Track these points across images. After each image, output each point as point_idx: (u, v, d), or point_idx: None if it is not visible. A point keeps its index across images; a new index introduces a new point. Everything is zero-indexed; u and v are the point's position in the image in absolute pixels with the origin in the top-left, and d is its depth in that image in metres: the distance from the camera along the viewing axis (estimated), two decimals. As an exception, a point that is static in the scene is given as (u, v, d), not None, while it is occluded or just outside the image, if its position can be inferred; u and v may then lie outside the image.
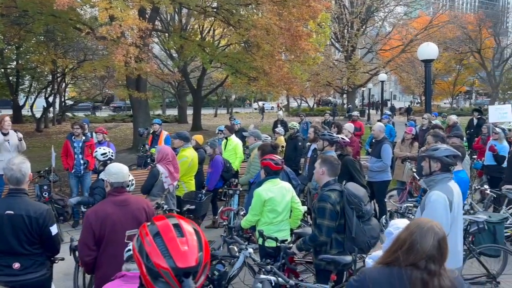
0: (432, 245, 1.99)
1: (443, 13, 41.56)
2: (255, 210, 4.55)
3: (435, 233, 2.03)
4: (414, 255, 1.99)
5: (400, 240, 2.07)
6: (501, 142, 8.29)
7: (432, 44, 10.24)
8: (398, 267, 2.04)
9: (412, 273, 1.99)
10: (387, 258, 2.10)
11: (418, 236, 2.02)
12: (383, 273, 2.09)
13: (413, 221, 2.13)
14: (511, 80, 52.31)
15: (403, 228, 2.15)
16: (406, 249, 2.01)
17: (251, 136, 7.18)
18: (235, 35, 17.22)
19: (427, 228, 2.04)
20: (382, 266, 2.11)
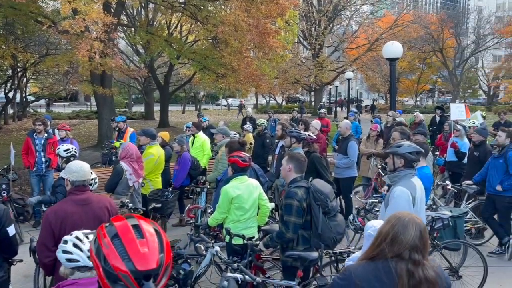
0: (414, 235, 2.03)
1: (407, 13, 42.55)
2: (222, 207, 4.51)
3: (416, 224, 2.07)
4: (398, 245, 2.03)
5: (383, 233, 2.09)
6: (462, 139, 8.55)
7: (397, 43, 10.41)
8: (383, 260, 2.06)
9: (398, 264, 2.02)
10: (372, 252, 2.12)
11: (400, 227, 2.06)
12: (368, 268, 2.10)
13: (393, 215, 2.16)
14: (471, 79, 54.31)
15: (384, 222, 2.17)
16: (390, 241, 2.04)
17: (219, 133, 7.12)
18: (203, 31, 17.05)
19: (408, 219, 2.08)
20: (367, 261, 2.13)
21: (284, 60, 24.65)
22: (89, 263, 2.13)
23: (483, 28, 48.55)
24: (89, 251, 2.06)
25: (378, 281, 2.04)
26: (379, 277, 2.04)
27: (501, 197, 6.38)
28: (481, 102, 52.93)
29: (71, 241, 2.26)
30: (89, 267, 2.16)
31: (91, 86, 16.22)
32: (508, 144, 6.41)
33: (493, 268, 5.90)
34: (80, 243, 2.21)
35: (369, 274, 2.08)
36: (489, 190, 6.56)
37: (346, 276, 2.17)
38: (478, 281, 5.16)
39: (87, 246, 2.17)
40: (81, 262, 2.16)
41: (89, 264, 2.13)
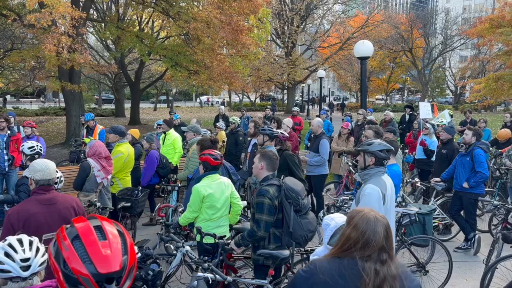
0: (383, 236, 2.03)
1: (378, 13, 43.26)
2: (193, 206, 4.44)
3: (382, 224, 2.06)
4: (369, 250, 2.01)
5: (352, 238, 2.05)
6: (431, 137, 8.73)
7: (368, 42, 10.55)
8: (349, 258, 2.05)
9: (365, 264, 2.01)
10: (339, 254, 2.09)
11: (371, 232, 2.03)
12: (334, 263, 2.08)
13: (360, 217, 2.09)
14: (439, 79, 55.76)
15: (350, 224, 2.10)
16: (361, 247, 2.02)
17: (190, 131, 7.02)
18: (175, 27, 16.84)
19: (375, 220, 2.05)
20: (333, 257, 2.10)
21: (257, 57, 24.61)
22: (22, 273, 1.96)
23: (450, 29, 49.92)
24: (23, 260, 1.97)
25: (342, 277, 2.03)
26: (343, 274, 2.03)
27: (468, 194, 6.54)
28: (448, 101, 54.42)
29: (3, 249, 2.03)
30: (23, 278, 1.98)
31: (58, 82, 15.78)
32: (475, 142, 6.57)
33: (459, 263, 6.07)
34: (13, 252, 2.00)
35: (333, 269, 2.06)
36: (456, 187, 6.71)
37: (311, 269, 2.15)
38: (444, 275, 5.27)
39: (20, 255, 2.01)
40: (13, 273, 2.00)
41: (23, 275, 1.98)
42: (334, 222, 2.44)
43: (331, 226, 2.43)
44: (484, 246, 6.41)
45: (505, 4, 29.10)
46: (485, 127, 11.11)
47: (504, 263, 4.84)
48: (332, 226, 2.42)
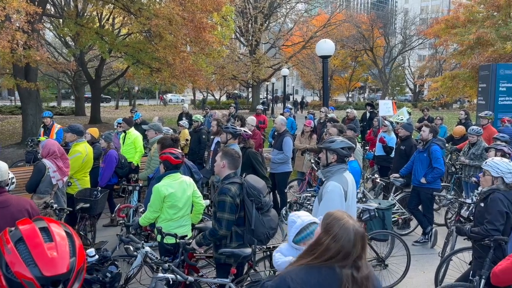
0: (361, 246, 2.03)
1: (340, 12, 43.96)
2: (154, 206, 4.36)
3: (361, 234, 2.05)
4: (348, 260, 2.01)
5: (331, 250, 2.02)
6: (390, 134, 8.95)
7: (329, 41, 10.71)
8: (326, 267, 2.03)
9: (342, 271, 2.01)
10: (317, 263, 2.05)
11: (351, 245, 2.01)
12: (311, 274, 2.05)
13: (338, 227, 2.05)
14: (399, 77, 57.36)
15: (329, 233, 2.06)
16: (341, 258, 2.01)
17: (151, 129, 6.89)
18: (136, 24, 16.50)
19: (354, 231, 2.03)
20: (307, 266, 2.06)
21: (221, 55, 24.54)
22: None
23: (409, 29, 51.46)
24: None
25: (320, 285, 2.02)
26: (321, 284, 2.02)
27: (425, 189, 6.75)
28: (408, 99, 56.09)
29: None
30: None
31: (13, 80, 15.15)
32: (432, 139, 6.79)
33: (417, 256, 6.26)
34: None
35: (311, 280, 2.03)
36: (414, 183, 6.91)
37: (282, 282, 2.07)
38: (403, 269, 5.42)
39: None
40: None
41: None
42: (300, 220, 2.43)
43: (297, 224, 2.42)
44: (440, 239, 6.64)
45: (459, 6, 30.22)
46: (441, 124, 11.51)
47: (458, 255, 5.02)
48: (298, 224, 2.41)
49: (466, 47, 28.45)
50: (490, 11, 28.07)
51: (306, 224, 2.40)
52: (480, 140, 7.78)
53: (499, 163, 3.96)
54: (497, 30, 26.30)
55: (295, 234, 2.39)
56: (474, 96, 26.52)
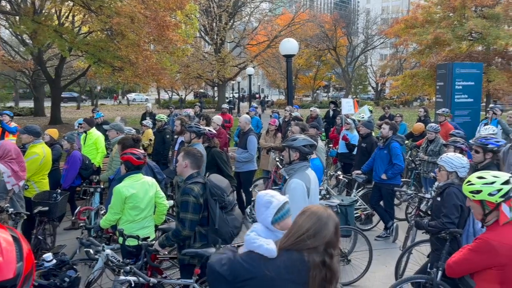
0: (332, 231, 2.10)
1: (303, 12, 44.43)
2: (115, 208, 4.27)
3: (333, 220, 2.14)
4: (318, 241, 2.07)
5: (304, 228, 2.10)
6: (352, 132, 9.13)
7: (293, 40, 10.81)
8: (297, 252, 2.08)
9: (311, 256, 2.07)
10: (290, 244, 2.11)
11: (322, 225, 2.10)
12: (280, 258, 2.10)
13: (313, 209, 2.18)
14: (361, 76, 58.60)
15: (304, 214, 2.16)
16: (312, 235, 2.08)
17: (113, 129, 6.75)
18: (97, 22, 16.12)
19: (327, 215, 2.14)
20: (280, 251, 2.12)
21: (185, 54, 24.31)
22: None
23: (370, 29, 52.61)
24: None
25: (289, 272, 2.06)
26: (289, 268, 2.06)
27: (386, 185, 6.92)
28: (370, 97, 57.30)
29: None
30: None
31: (-34, 79, 14.48)
32: (391, 136, 6.97)
33: (379, 251, 6.41)
34: None
35: (280, 265, 2.08)
36: (376, 179, 7.08)
37: (255, 262, 2.11)
38: (366, 263, 5.54)
39: None
40: None
41: None
42: (276, 199, 2.43)
43: (274, 203, 2.41)
44: (401, 233, 6.82)
45: (418, 6, 31.21)
46: (401, 121, 11.83)
47: (418, 248, 5.18)
48: (275, 203, 2.40)
49: (425, 47, 29.40)
50: (446, 12, 29.10)
51: (283, 203, 2.43)
52: (438, 136, 8.06)
53: (453, 158, 4.12)
54: (453, 30, 27.29)
55: (274, 214, 2.39)
56: (432, 94, 27.43)
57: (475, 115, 11.91)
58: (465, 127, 9.92)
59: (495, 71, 27.35)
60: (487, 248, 2.73)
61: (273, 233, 2.40)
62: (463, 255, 2.89)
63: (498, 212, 2.78)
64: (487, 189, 2.79)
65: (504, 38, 25.43)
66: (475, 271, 2.84)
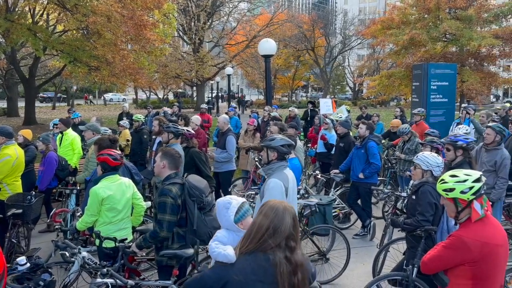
0: (290, 224, 2.13)
1: (282, 12, 44.59)
2: (92, 210, 4.21)
3: (290, 213, 2.17)
4: (279, 237, 2.10)
5: (263, 227, 2.12)
6: (330, 131, 9.21)
7: (271, 40, 10.86)
8: (262, 253, 2.10)
9: (276, 254, 2.09)
10: (252, 246, 2.12)
11: (279, 219, 2.13)
12: (246, 261, 2.11)
13: (268, 207, 2.19)
14: (339, 76, 59.18)
15: (260, 213, 2.18)
16: (272, 233, 2.10)
17: (89, 129, 6.64)
18: (72, 20, 15.85)
19: (283, 209, 2.16)
20: (244, 255, 2.13)
21: (163, 53, 24.09)
22: None
23: (348, 30, 53.20)
24: None
25: (256, 274, 2.07)
26: (256, 270, 2.08)
27: (363, 183, 7.01)
28: (348, 97, 57.95)
29: None
30: None
31: None
32: (368, 135, 7.06)
33: (357, 249, 6.49)
34: None
35: (246, 267, 2.09)
36: (353, 178, 7.16)
37: (222, 269, 2.14)
38: (344, 262, 5.60)
39: None
40: None
41: None
42: (235, 200, 2.48)
43: (233, 204, 2.45)
44: (379, 231, 6.91)
45: (394, 8, 31.70)
46: (378, 121, 12.02)
47: (395, 245, 5.26)
48: (234, 204, 2.45)
49: (401, 47, 29.88)
50: (421, 14, 29.66)
51: (241, 203, 2.47)
52: (414, 135, 8.19)
53: (429, 157, 4.20)
54: (428, 31, 27.83)
55: (234, 214, 2.43)
56: (408, 94, 27.90)
57: (450, 114, 12.16)
58: (440, 126, 10.13)
59: (468, 71, 28.01)
60: (460, 244, 2.80)
61: (236, 233, 2.44)
62: (437, 252, 2.95)
63: (470, 210, 2.85)
64: (460, 187, 2.85)
65: (477, 39, 26.06)
66: (449, 267, 2.91)
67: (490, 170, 5.76)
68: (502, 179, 5.71)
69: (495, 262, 2.80)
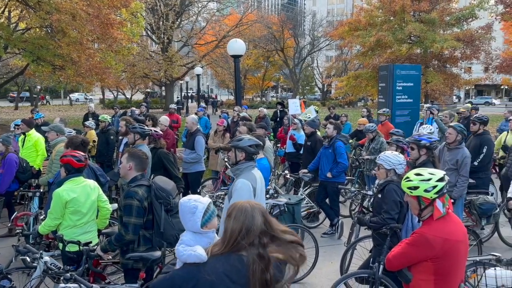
0: (261, 221, 2.14)
1: (251, 12, 44.67)
2: (55, 213, 4.08)
3: (258, 210, 2.18)
4: (251, 236, 2.11)
5: (236, 230, 2.13)
6: (299, 131, 9.29)
7: (240, 41, 10.86)
8: (235, 254, 2.10)
9: (249, 252, 2.09)
10: (226, 249, 2.13)
11: (250, 219, 2.13)
12: (220, 261, 2.11)
13: (236, 209, 2.20)
14: (308, 77, 59.83)
15: (230, 217, 2.18)
16: (244, 234, 2.10)
17: (52, 130, 6.45)
18: (35, 18, 15.35)
19: (251, 208, 2.17)
20: (219, 256, 2.13)
21: (131, 53, 23.71)
22: None
23: (316, 31, 53.83)
24: None
25: (229, 274, 2.08)
26: (229, 271, 2.08)
27: (331, 183, 7.09)
28: (317, 98, 58.67)
29: None
30: None
31: None
32: (336, 135, 7.16)
33: (325, 248, 6.57)
34: None
35: (219, 268, 2.09)
36: (321, 177, 7.24)
37: (192, 269, 2.12)
38: (312, 260, 5.65)
39: None
40: None
41: None
42: (201, 203, 2.44)
43: (199, 207, 2.42)
44: (346, 230, 7.01)
45: (361, 10, 32.30)
46: (346, 121, 12.21)
47: (362, 243, 5.35)
48: (200, 207, 2.42)
49: (368, 49, 30.44)
50: (387, 16, 30.31)
51: (208, 205, 2.46)
52: (379, 135, 8.37)
53: (391, 156, 4.30)
54: (393, 33, 28.48)
55: (201, 217, 2.40)
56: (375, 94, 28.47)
57: (415, 115, 12.47)
58: (406, 126, 10.39)
59: (432, 73, 28.85)
60: (422, 241, 2.87)
61: (203, 235, 2.42)
62: (401, 249, 3.02)
63: (432, 208, 2.93)
64: (424, 186, 2.93)
65: (440, 41, 26.86)
66: (413, 264, 2.98)
67: (452, 168, 5.94)
68: (463, 177, 5.91)
69: (456, 258, 2.89)
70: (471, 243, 5.23)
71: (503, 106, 46.83)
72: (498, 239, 6.72)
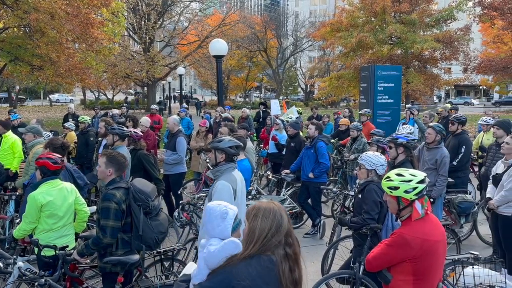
0: (287, 220, 2.20)
1: (234, 13, 44.60)
2: (30, 217, 3.98)
3: (282, 209, 2.22)
4: (281, 234, 2.15)
5: (265, 229, 2.14)
6: (282, 132, 9.29)
7: (222, 41, 10.81)
8: (264, 255, 2.11)
9: (276, 252, 2.12)
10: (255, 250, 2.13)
11: (279, 218, 2.17)
12: (250, 266, 2.10)
13: (263, 209, 2.20)
14: (292, 78, 60.05)
15: (257, 217, 2.17)
16: (274, 232, 2.13)
17: (29, 132, 6.31)
18: (13, 17, 15.02)
19: (278, 208, 2.21)
20: (245, 259, 2.12)
21: (112, 53, 23.42)
22: None
23: (299, 31, 54.05)
24: None
25: (262, 276, 2.08)
26: (261, 273, 2.09)
27: (313, 183, 7.10)
28: (300, 98, 58.89)
29: None
30: None
31: None
32: (317, 135, 7.17)
33: (308, 248, 6.57)
34: None
35: (252, 271, 2.09)
36: (303, 177, 7.24)
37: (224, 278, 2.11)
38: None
39: None
40: None
41: None
42: (231, 209, 2.38)
43: (230, 213, 2.35)
44: (328, 230, 7.03)
45: (343, 11, 32.53)
46: (329, 121, 12.26)
47: (344, 243, 5.36)
48: (231, 213, 2.36)
49: (349, 50, 30.66)
50: (369, 17, 30.58)
51: (237, 213, 2.43)
52: (361, 135, 8.42)
53: (372, 157, 4.31)
54: (375, 34, 28.75)
55: (232, 223, 2.35)
56: (357, 95, 28.71)
57: (396, 115, 12.60)
58: (387, 126, 10.48)
59: (413, 73, 29.21)
60: (401, 242, 2.88)
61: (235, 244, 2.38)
62: (380, 250, 3.02)
63: (411, 208, 2.94)
64: (404, 187, 2.93)
65: (420, 42, 27.22)
66: (392, 265, 2.99)
67: (431, 168, 6.01)
68: (442, 176, 5.98)
69: (435, 258, 2.91)
70: (450, 242, 5.29)
71: (481, 106, 47.88)
72: (476, 238, 6.83)
